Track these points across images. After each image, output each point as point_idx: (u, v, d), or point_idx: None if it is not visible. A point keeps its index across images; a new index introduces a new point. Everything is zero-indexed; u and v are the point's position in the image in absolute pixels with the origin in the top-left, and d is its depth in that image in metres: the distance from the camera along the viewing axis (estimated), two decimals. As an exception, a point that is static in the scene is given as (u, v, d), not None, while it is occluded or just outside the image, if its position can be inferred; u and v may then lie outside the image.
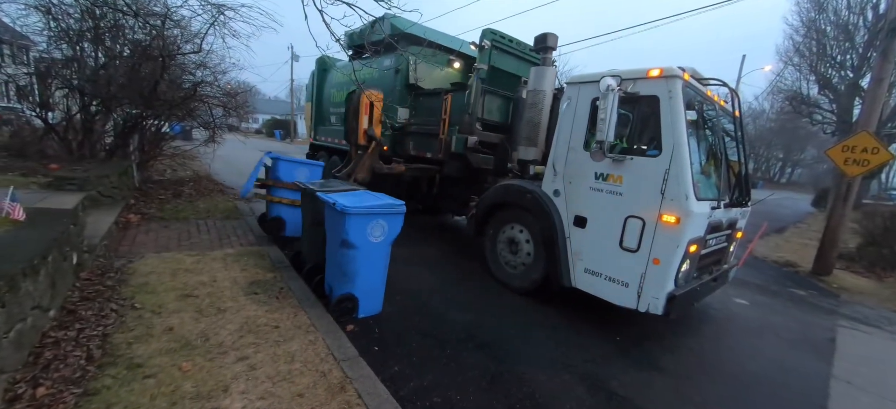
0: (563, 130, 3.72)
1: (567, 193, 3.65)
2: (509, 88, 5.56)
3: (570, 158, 3.65)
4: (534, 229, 4.00)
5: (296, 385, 2.19)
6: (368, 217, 3.03)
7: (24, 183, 4.21)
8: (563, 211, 3.68)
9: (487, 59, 5.24)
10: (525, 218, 4.10)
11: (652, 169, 3.11)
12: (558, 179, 3.73)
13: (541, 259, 3.94)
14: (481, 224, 4.70)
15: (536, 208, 3.88)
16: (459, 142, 5.07)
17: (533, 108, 4.54)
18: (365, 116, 5.33)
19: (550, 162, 3.81)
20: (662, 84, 3.10)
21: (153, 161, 8.20)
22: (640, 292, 3.13)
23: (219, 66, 7.20)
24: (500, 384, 2.61)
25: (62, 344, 2.26)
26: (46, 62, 6.40)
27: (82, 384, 1.99)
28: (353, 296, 3.18)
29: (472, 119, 5.00)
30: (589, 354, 3.14)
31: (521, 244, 4.17)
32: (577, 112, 3.62)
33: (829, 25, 17.35)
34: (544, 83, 4.49)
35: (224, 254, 4.15)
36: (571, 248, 3.63)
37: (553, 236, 3.70)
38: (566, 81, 3.75)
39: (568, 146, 3.66)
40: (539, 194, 3.88)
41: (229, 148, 9.84)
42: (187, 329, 2.63)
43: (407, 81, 6.35)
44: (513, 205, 4.24)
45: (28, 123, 7.19)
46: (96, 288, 3.02)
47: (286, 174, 4.80)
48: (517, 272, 4.25)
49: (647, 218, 3.09)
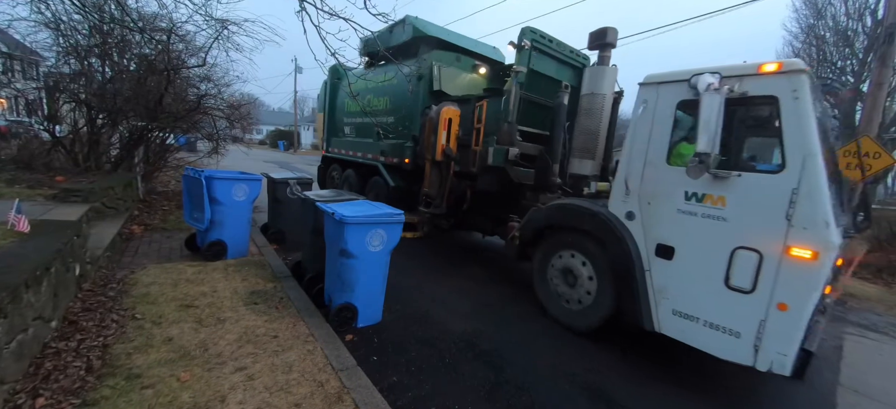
0: (637, 140, 3.11)
1: (645, 216, 3.04)
2: (547, 94, 5.08)
3: (649, 174, 3.02)
4: (599, 259, 3.37)
5: (293, 396, 2.19)
6: (367, 227, 3.05)
7: (30, 195, 4.27)
8: (640, 238, 3.06)
9: (527, 61, 4.68)
10: (586, 244, 3.48)
11: (771, 188, 2.48)
12: (632, 200, 3.11)
13: (608, 294, 3.32)
14: (527, 248, 4.10)
15: (604, 233, 3.26)
16: (498, 154, 4.55)
17: (589, 114, 4.03)
18: (444, 132, 5.03)
19: (621, 179, 3.20)
20: (783, 82, 2.49)
21: (157, 173, 8.31)
22: (757, 346, 2.51)
23: (222, 79, 7.36)
24: (499, 394, 2.59)
25: (63, 355, 2.28)
26: (55, 77, 6.54)
27: (81, 395, 2.00)
28: (353, 305, 3.18)
29: (511, 128, 4.47)
30: (591, 363, 3.11)
31: (581, 276, 3.52)
32: (657, 118, 3.01)
33: (829, 32, 17.41)
34: (603, 85, 3.99)
35: (225, 264, 4.18)
36: (653, 283, 2.98)
37: (627, 269, 3.09)
38: (641, 81, 3.16)
39: (645, 160, 3.04)
40: (607, 217, 3.25)
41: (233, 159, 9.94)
42: (187, 340, 2.64)
43: (431, 87, 5.89)
44: (570, 228, 3.61)
45: (36, 137, 7.32)
46: (98, 299, 3.05)
47: (223, 193, 4.22)
48: (576, 309, 3.59)
49: (767, 251, 2.47)
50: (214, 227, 4.28)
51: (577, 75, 5.27)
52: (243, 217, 4.52)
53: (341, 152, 7.88)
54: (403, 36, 6.34)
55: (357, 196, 4.11)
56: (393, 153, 6.24)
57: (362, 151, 7.07)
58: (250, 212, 4.64)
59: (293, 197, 4.32)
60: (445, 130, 5.04)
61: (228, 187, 4.27)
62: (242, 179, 4.39)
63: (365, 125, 7.07)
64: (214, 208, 4.21)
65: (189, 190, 4.39)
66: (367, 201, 3.71)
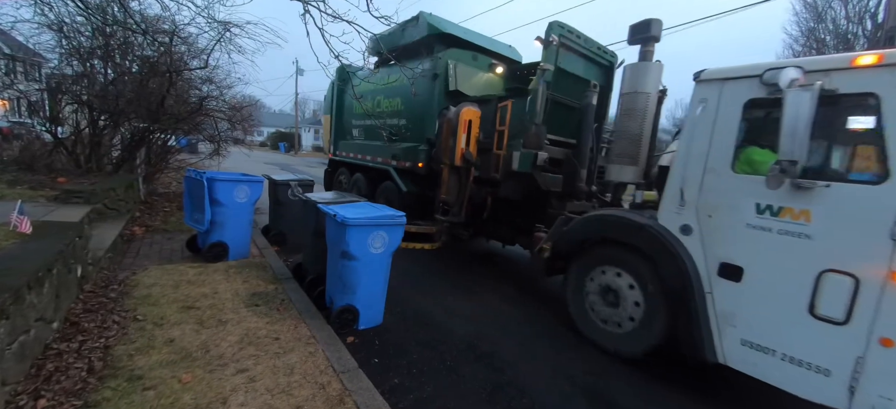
0: (695, 143, 2.76)
1: (705, 230, 2.68)
2: (572, 94, 4.78)
3: (709, 183, 2.67)
4: (647, 278, 3.02)
5: (294, 398, 2.19)
6: (369, 229, 3.05)
7: (32, 196, 4.28)
8: (700, 255, 2.71)
9: (554, 59, 4.33)
10: (631, 260, 3.13)
11: (869, 202, 2.14)
12: (688, 211, 2.77)
13: (658, 318, 2.98)
14: (557, 262, 3.75)
15: (654, 249, 2.92)
16: (526, 159, 4.22)
17: (630, 115, 3.72)
18: (463, 135, 4.67)
19: (674, 187, 2.86)
20: (885, 76, 2.14)
21: (159, 174, 8.33)
22: (853, 387, 2.18)
23: (224, 80, 7.39)
24: (500, 396, 2.59)
25: (64, 356, 2.28)
26: (57, 78, 6.58)
27: (83, 397, 2.00)
28: (354, 308, 3.18)
29: (539, 131, 4.16)
30: (591, 365, 3.11)
31: (625, 296, 3.17)
32: (720, 119, 2.66)
33: (829, 35, 17.45)
34: (646, 83, 3.67)
35: (226, 266, 4.18)
36: (716, 308, 2.64)
37: (683, 290, 2.74)
38: (698, 77, 2.81)
39: (704, 166, 2.70)
40: (658, 231, 2.90)
41: (234, 160, 9.97)
42: (188, 341, 2.64)
43: (447, 87, 5.56)
44: (613, 242, 3.26)
45: (38, 138, 7.35)
46: (99, 300, 3.05)
47: (225, 195, 4.26)
48: (619, 332, 3.23)
49: (865, 276, 2.14)
50: (216, 228, 4.29)
51: (605, 74, 5.06)
52: (245, 219, 4.52)
53: (349, 156, 7.62)
54: (417, 34, 6.07)
55: (359, 198, 4.12)
56: (405, 157, 5.97)
57: (372, 155, 6.80)
58: (252, 214, 4.65)
59: (294, 199, 4.33)
60: (465, 132, 4.71)
61: (230, 189, 4.28)
62: (244, 180, 4.40)
63: (374, 127, 6.74)
64: (216, 209, 4.22)
65: (190, 191, 4.40)
66: (369, 203, 3.71)
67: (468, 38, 5.99)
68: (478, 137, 4.82)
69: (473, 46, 6.04)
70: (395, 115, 6.41)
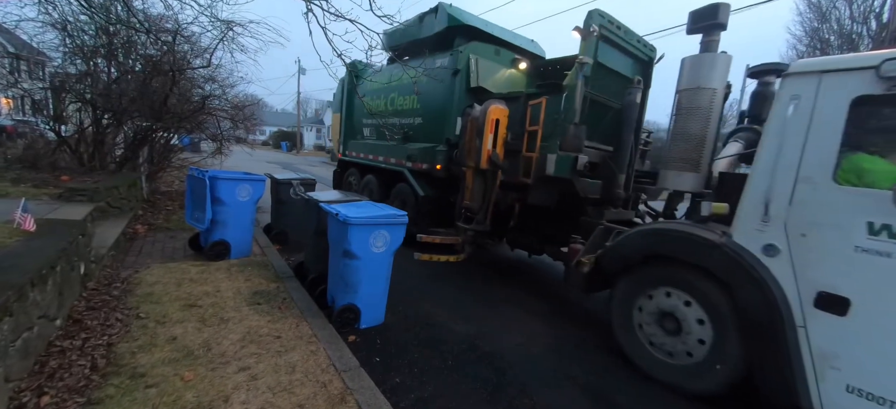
0: (785, 148, 2.35)
1: (797, 252, 2.28)
2: (608, 91, 4.39)
3: (804, 196, 2.27)
4: (718, 305, 2.61)
5: (296, 396, 2.19)
6: (371, 228, 3.06)
7: (35, 194, 4.30)
8: (789, 282, 2.31)
9: (594, 52, 3.95)
10: (696, 283, 2.72)
11: None
12: (774, 229, 2.36)
13: (732, 353, 2.56)
14: (599, 278, 3.36)
15: (729, 272, 2.51)
16: (564, 163, 3.86)
17: (692, 114, 3.38)
18: (490, 136, 4.25)
19: (755, 199, 2.46)
20: None
21: (162, 173, 8.36)
22: None
23: (227, 79, 7.41)
24: (501, 396, 2.59)
25: (67, 353, 2.29)
26: (61, 77, 6.60)
27: (86, 394, 2.01)
28: (355, 307, 3.19)
29: (578, 131, 3.78)
30: (593, 365, 3.10)
31: (689, 324, 2.76)
32: (818, 119, 2.27)
33: (833, 35, 17.36)
34: (712, 78, 3.31)
35: (228, 264, 4.19)
36: (813, 347, 2.23)
37: (768, 323, 2.34)
38: (789, 70, 2.42)
39: (796, 175, 2.30)
40: (734, 251, 2.49)
41: (236, 159, 9.99)
42: (190, 339, 2.65)
43: (468, 83, 5.20)
44: (672, 260, 2.85)
45: (42, 136, 7.39)
46: (102, 298, 3.06)
47: (227, 193, 4.26)
48: (678, 365, 2.84)
49: None
50: (218, 227, 4.30)
51: (643, 69, 4.67)
52: (246, 218, 4.53)
53: (360, 156, 7.23)
54: (436, 26, 5.71)
55: (361, 197, 4.12)
56: (422, 158, 5.62)
57: (385, 155, 6.45)
58: (253, 212, 4.66)
59: (296, 198, 4.33)
60: (492, 132, 4.30)
61: (232, 188, 4.29)
62: (246, 179, 4.41)
63: (388, 126, 6.47)
64: (218, 208, 4.23)
65: (193, 190, 4.41)
66: (371, 202, 3.71)
67: (491, 31, 5.62)
68: (506, 139, 4.43)
69: (496, 40, 5.65)
70: (411, 113, 6.07)
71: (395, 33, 6.30)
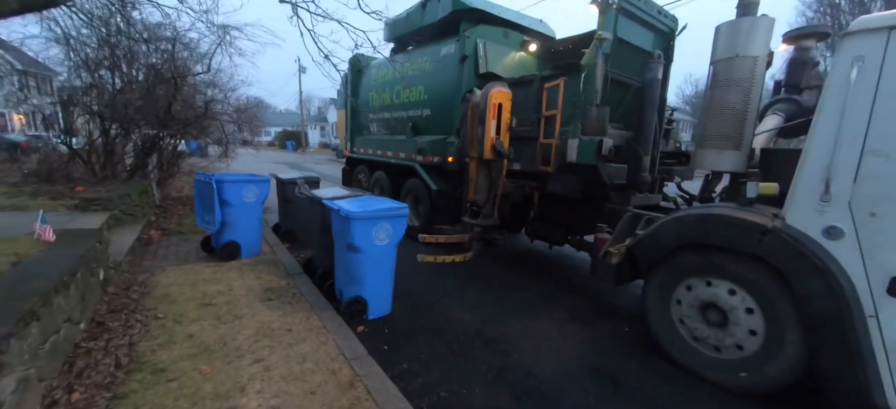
0: (850, 117, 2.10)
1: (865, 233, 2.08)
2: (628, 68, 4.09)
3: (872, 170, 2.05)
4: (771, 296, 2.40)
5: (307, 384, 2.30)
6: (372, 221, 3.13)
7: (52, 206, 4.47)
8: (857, 267, 2.11)
9: (613, 26, 3.70)
10: (743, 272, 2.50)
11: None
12: (836, 208, 2.15)
13: (789, 348, 2.36)
14: (631, 271, 3.15)
15: (786, 259, 2.28)
16: (587, 148, 3.62)
17: (730, 86, 3.07)
18: (492, 122, 3.94)
19: (812, 176, 2.23)
20: None
21: (171, 178, 8.56)
22: None
23: (228, 83, 7.52)
24: (506, 378, 2.67)
25: (93, 353, 2.43)
26: (68, 91, 6.78)
27: (112, 389, 2.14)
28: (363, 298, 3.29)
29: (602, 113, 3.55)
30: (597, 346, 3.16)
31: (738, 316, 2.54)
32: (888, 82, 2.01)
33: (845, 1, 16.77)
34: (752, 44, 2.99)
35: (239, 263, 4.33)
36: (886, 338, 2.06)
37: (837, 314, 2.13)
38: (850, 29, 2.15)
39: (862, 147, 2.07)
40: (790, 236, 2.27)
41: (242, 162, 10.17)
42: (207, 335, 2.78)
43: (477, 69, 4.99)
44: (716, 248, 2.60)
45: (54, 150, 7.61)
46: (122, 301, 3.21)
47: (233, 195, 4.34)
48: (724, 359, 2.65)
49: None
50: (227, 228, 4.43)
51: (664, 43, 4.38)
52: (254, 218, 4.66)
53: (368, 152, 7.03)
54: (440, 11, 5.49)
55: (363, 192, 4.20)
56: (432, 151, 5.47)
57: (394, 150, 6.29)
58: (261, 212, 4.78)
59: (301, 196, 4.42)
60: (495, 118, 3.99)
61: (238, 189, 4.40)
62: (251, 180, 4.52)
63: (395, 120, 6.32)
64: (226, 210, 4.35)
65: (201, 194, 4.54)
66: (372, 197, 3.79)
67: (497, 14, 5.41)
68: (510, 124, 4.14)
69: (504, 22, 5.44)
70: (419, 105, 5.89)
71: (397, 23, 6.15)
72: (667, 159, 4.41)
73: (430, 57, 5.55)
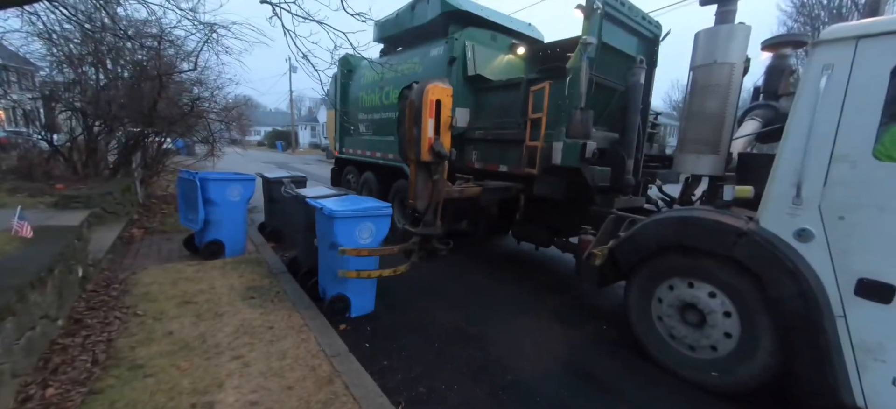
0: (817, 123, 2.17)
1: (834, 236, 2.14)
2: (611, 72, 4.20)
3: (840, 175, 2.11)
4: (746, 296, 2.46)
5: (286, 379, 2.33)
6: (356, 220, 3.18)
7: (31, 203, 4.41)
8: (826, 269, 2.17)
9: (598, 31, 3.76)
10: (719, 273, 2.57)
11: None
12: (807, 212, 2.21)
13: (763, 348, 2.42)
14: (613, 272, 3.21)
15: (760, 261, 2.34)
16: (571, 151, 3.67)
17: (708, 92, 3.15)
18: (430, 120, 3.70)
19: (784, 180, 2.29)
20: None
21: (156, 177, 8.44)
22: None
23: (215, 82, 7.45)
24: (485, 374, 2.73)
25: (69, 350, 2.42)
26: (50, 86, 6.66)
27: (88, 385, 2.14)
28: (346, 296, 3.32)
29: (585, 117, 3.61)
30: (573, 342, 3.24)
31: (715, 316, 2.60)
32: (854, 91, 2.09)
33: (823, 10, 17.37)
34: (730, 51, 3.10)
35: (223, 263, 4.32)
36: (854, 338, 2.11)
37: (803, 314, 2.19)
38: (820, 38, 2.24)
39: (831, 152, 2.14)
40: (764, 238, 2.33)
41: (229, 161, 10.08)
42: (186, 333, 2.78)
43: (465, 72, 4.99)
44: (698, 252, 2.65)
45: (35, 146, 7.45)
46: (101, 298, 3.19)
47: (218, 194, 4.34)
48: (701, 359, 2.70)
49: None
50: (211, 227, 4.41)
51: (648, 48, 4.49)
52: (239, 217, 4.65)
53: (357, 153, 7.05)
54: (429, 13, 5.50)
55: (348, 192, 4.23)
56: None
57: (382, 151, 6.28)
58: (245, 211, 4.77)
59: (287, 196, 4.43)
60: (432, 116, 3.72)
61: (223, 188, 4.39)
62: (236, 179, 4.51)
63: (384, 121, 6.27)
64: (210, 208, 4.34)
65: (184, 192, 4.51)
66: (356, 196, 3.82)
67: (486, 16, 5.44)
68: (451, 123, 3.89)
69: (492, 25, 5.47)
70: None
71: (386, 24, 6.16)
72: (651, 163, 4.51)
73: (419, 58, 5.60)
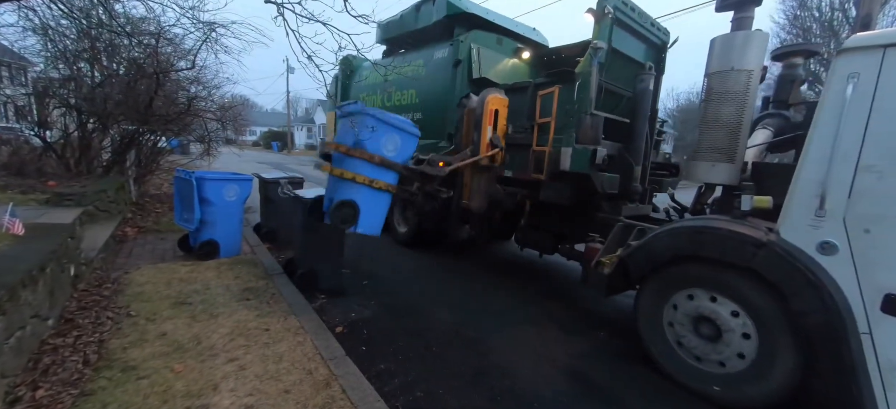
0: (845, 133, 2.11)
1: (859, 249, 2.06)
2: (620, 78, 4.23)
3: (866, 185, 2.05)
4: (764, 310, 2.39)
5: (282, 382, 2.30)
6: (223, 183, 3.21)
7: (23, 200, 4.32)
8: (851, 283, 2.09)
9: (608, 36, 3.75)
10: (737, 286, 2.49)
11: None
12: (831, 224, 2.14)
13: (783, 362, 2.33)
14: (622, 281, 3.15)
15: (781, 274, 2.27)
16: (581, 157, 3.61)
17: (724, 99, 3.08)
18: (489, 128, 3.98)
19: (806, 190, 2.23)
20: None
21: (150, 176, 8.35)
22: None
23: (212, 81, 7.40)
24: (483, 378, 2.72)
25: (60, 350, 2.37)
26: (44, 82, 6.57)
27: (79, 386, 2.10)
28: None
29: (596, 122, 3.60)
30: (572, 349, 3.23)
31: (731, 329, 2.52)
32: (882, 99, 2.03)
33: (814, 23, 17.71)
34: (747, 58, 3.02)
35: (218, 263, 4.26)
36: (881, 355, 2.02)
37: (830, 330, 2.12)
38: (844, 46, 2.19)
39: (856, 163, 2.08)
40: (785, 250, 2.26)
41: (225, 161, 9.98)
42: (180, 334, 2.74)
43: (471, 74, 4.99)
44: (710, 261, 2.59)
45: (27, 142, 7.33)
46: (93, 298, 3.13)
47: (214, 194, 4.29)
48: (714, 373, 2.63)
49: None
50: (206, 227, 4.37)
51: (656, 54, 4.50)
52: (235, 217, 4.60)
53: None
54: (434, 15, 5.47)
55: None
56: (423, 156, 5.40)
57: None
58: (241, 212, 4.73)
59: (284, 196, 4.40)
60: (491, 124, 3.97)
61: (219, 188, 4.35)
62: (233, 179, 4.48)
63: None
64: (206, 208, 4.30)
65: (180, 191, 4.47)
66: None
67: (491, 19, 5.44)
68: (506, 131, 4.12)
69: (497, 28, 5.46)
70: (410, 109, 5.82)
71: (390, 25, 6.14)
72: (658, 170, 4.49)
73: (424, 60, 5.53)
